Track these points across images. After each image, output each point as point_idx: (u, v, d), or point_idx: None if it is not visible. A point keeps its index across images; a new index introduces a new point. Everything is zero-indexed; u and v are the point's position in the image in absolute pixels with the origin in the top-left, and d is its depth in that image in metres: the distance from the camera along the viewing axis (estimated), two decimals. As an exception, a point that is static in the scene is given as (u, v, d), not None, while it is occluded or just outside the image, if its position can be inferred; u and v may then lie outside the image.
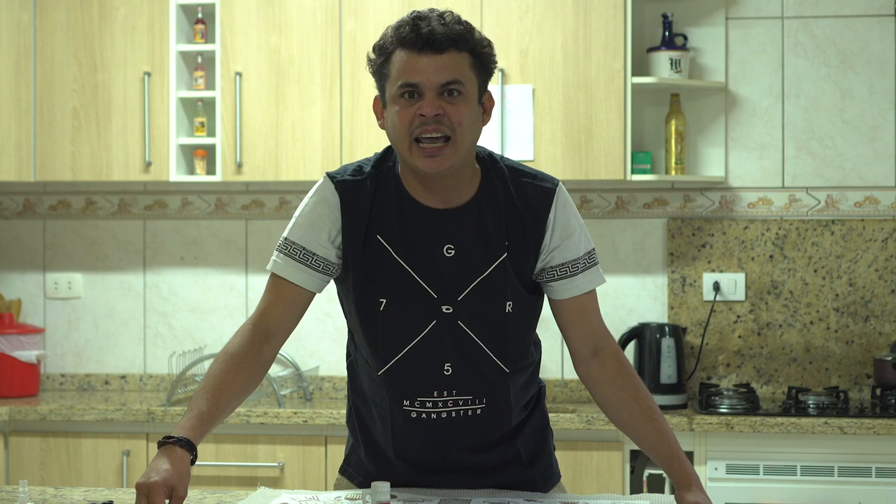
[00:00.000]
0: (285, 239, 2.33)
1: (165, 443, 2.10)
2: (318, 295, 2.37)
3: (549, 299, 2.40)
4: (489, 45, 2.28)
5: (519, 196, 2.31)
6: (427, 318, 2.29)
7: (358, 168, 2.34)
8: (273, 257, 2.34)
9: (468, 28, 2.26)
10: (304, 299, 2.33)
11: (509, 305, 2.31)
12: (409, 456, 2.38)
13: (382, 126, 2.31)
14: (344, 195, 2.30)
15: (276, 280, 2.33)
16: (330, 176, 2.33)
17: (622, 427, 2.39)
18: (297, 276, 2.31)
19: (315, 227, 2.31)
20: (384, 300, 2.29)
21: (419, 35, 2.21)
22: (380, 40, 2.28)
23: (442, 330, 2.29)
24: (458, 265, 2.28)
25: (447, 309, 2.28)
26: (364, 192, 2.30)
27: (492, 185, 2.31)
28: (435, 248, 2.28)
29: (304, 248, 2.30)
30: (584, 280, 2.36)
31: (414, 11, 2.27)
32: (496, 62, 2.30)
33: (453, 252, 2.28)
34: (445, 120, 2.21)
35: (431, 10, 2.27)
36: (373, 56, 2.29)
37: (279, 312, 2.32)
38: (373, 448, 2.43)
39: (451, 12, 2.27)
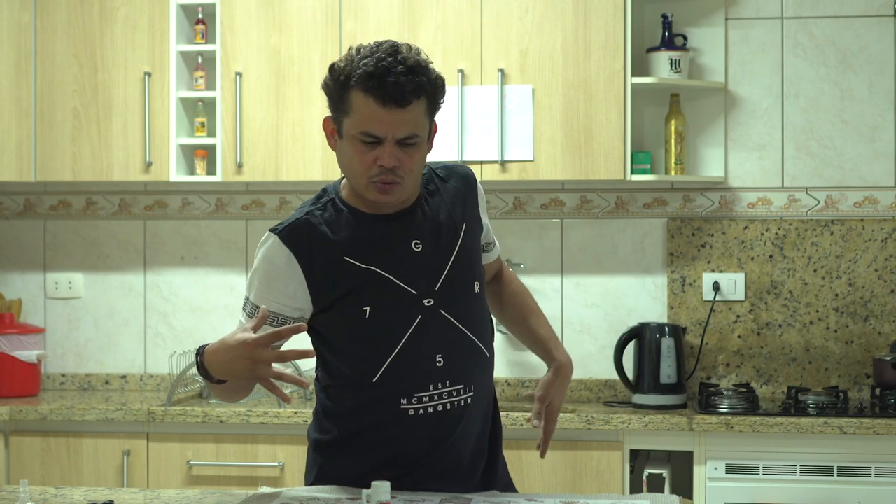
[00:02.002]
0: (252, 304, 2.41)
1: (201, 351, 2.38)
2: None
3: None
4: (442, 83, 2.34)
5: (450, 178, 2.49)
6: (412, 316, 2.36)
7: (298, 211, 2.42)
8: (241, 318, 2.45)
9: (428, 75, 2.30)
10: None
11: (477, 286, 2.44)
12: (406, 461, 2.40)
13: (333, 147, 2.40)
14: (293, 243, 2.35)
15: None
16: (274, 231, 2.38)
17: (501, 319, 2.68)
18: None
19: (273, 288, 2.37)
20: (367, 308, 2.35)
21: (385, 88, 2.25)
22: (342, 67, 2.30)
23: (428, 323, 2.37)
24: (428, 257, 2.38)
25: (428, 302, 2.37)
26: (311, 225, 2.37)
27: (426, 180, 2.46)
28: (403, 247, 2.37)
29: (269, 311, 2.37)
30: (496, 248, 2.64)
31: (379, 48, 2.28)
32: (445, 93, 2.36)
33: (421, 246, 2.38)
34: (400, 171, 2.31)
35: (395, 52, 2.28)
36: (330, 81, 2.33)
37: None
38: (366, 462, 2.43)
39: (411, 47, 2.30)
